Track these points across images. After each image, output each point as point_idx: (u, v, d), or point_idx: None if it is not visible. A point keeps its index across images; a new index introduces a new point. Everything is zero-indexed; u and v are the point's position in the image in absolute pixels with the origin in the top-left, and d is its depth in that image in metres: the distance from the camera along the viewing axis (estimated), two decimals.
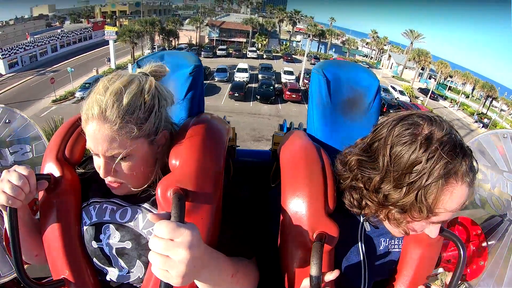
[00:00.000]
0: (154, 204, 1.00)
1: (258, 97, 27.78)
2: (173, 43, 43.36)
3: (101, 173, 0.93)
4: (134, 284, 1.04)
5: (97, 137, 0.88)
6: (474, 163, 0.80)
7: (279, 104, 27.82)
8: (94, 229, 1.02)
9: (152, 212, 0.99)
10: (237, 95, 27.54)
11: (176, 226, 0.67)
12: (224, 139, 1.06)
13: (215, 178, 0.93)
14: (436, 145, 0.75)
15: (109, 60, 33.46)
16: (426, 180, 0.75)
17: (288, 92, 28.33)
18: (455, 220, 1.31)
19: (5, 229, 1.21)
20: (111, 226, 1.01)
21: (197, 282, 0.80)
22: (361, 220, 1.05)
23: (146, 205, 1.01)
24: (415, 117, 0.82)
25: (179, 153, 0.94)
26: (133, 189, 0.99)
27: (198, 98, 1.31)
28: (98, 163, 0.93)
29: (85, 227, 1.03)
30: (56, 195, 1.01)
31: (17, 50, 32.75)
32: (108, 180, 0.96)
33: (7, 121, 1.43)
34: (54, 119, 7.23)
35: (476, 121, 31.05)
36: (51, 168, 1.02)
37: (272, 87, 29.36)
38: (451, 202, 0.78)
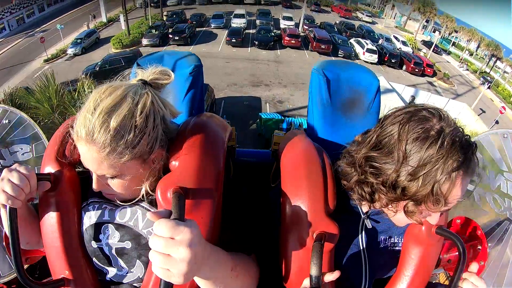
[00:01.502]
0: (153, 203, 0.99)
1: (256, 42, 26.96)
2: None
3: (93, 186, 0.93)
4: (134, 284, 1.04)
5: (86, 158, 0.87)
6: (477, 155, 0.85)
7: (278, 50, 27.13)
8: (93, 229, 1.02)
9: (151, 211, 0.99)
10: (234, 41, 26.60)
11: (176, 224, 0.67)
12: (223, 138, 1.05)
13: (215, 178, 0.93)
14: (448, 141, 0.79)
15: (94, 17, 31.73)
16: (441, 174, 0.79)
17: (287, 38, 27.55)
18: (455, 220, 1.32)
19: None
20: (111, 226, 1.01)
21: (196, 278, 0.79)
22: (362, 218, 1.06)
23: (145, 204, 1.00)
24: (424, 112, 0.84)
25: (178, 154, 0.94)
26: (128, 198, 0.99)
27: (198, 98, 1.33)
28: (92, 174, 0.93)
29: (84, 227, 1.03)
30: (56, 194, 1.00)
31: (3, 15, 31.18)
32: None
33: (7, 121, 1.44)
34: (44, 73, 7.06)
35: (482, 83, 30.02)
36: (51, 168, 1.01)
37: (270, 33, 28.60)
38: (461, 192, 0.83)
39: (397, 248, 1.10)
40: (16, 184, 0.89)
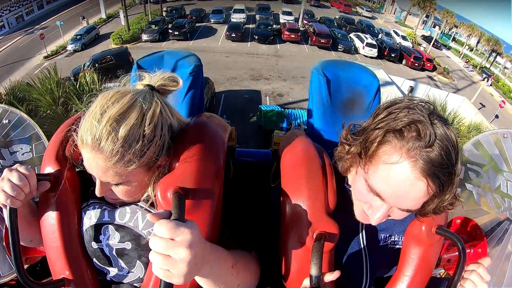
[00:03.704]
0: (153, 203, 0.99)
1: (256, 37, 27.05)
2: None
3: (96, 192, 0.91)
4: (135, 284, 1.04)
5: (91, 164, 0.86)
6: (449, 153, 0.77)
7: (278, 44, 27.20)
8: (93, 230, 1.02)
9: (151, 212, 0.98)
10: (234, 35, 26.81)
11: (176, 225, 0.67)
12: (223, 138, 1.05)
13: (215, 178, 0.93)
14: (401, 112, 0.79)
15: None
16: (375, 130, 0.81)
17: (287, 32, 27.58)
18: (455, 220, 1.32)
19: (5, 229, 1.23)
20: (111, 227, 1.01)
21: (197, 277, 0.79)
22: None
23: (145, 204, 1.00)
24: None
25: (178, 154, 0.93)
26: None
27: (198, 98, 1.33)
28: (95, 178, 0.92)
29: (84, 228, 1.03)
30: (55, 195, 1.00)
31: (2, 12, 30.97)
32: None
33: (7, 121, 1.43)
34: (46, 67, 7.07)
35: (483, 79, 29.93)
36: (51, 168, 1.00)
37: (270, 27, 28.65)
38: (387, 155, 0.79)
39: (397, 246, 1.11)
40: (15, 184, 0.88)
